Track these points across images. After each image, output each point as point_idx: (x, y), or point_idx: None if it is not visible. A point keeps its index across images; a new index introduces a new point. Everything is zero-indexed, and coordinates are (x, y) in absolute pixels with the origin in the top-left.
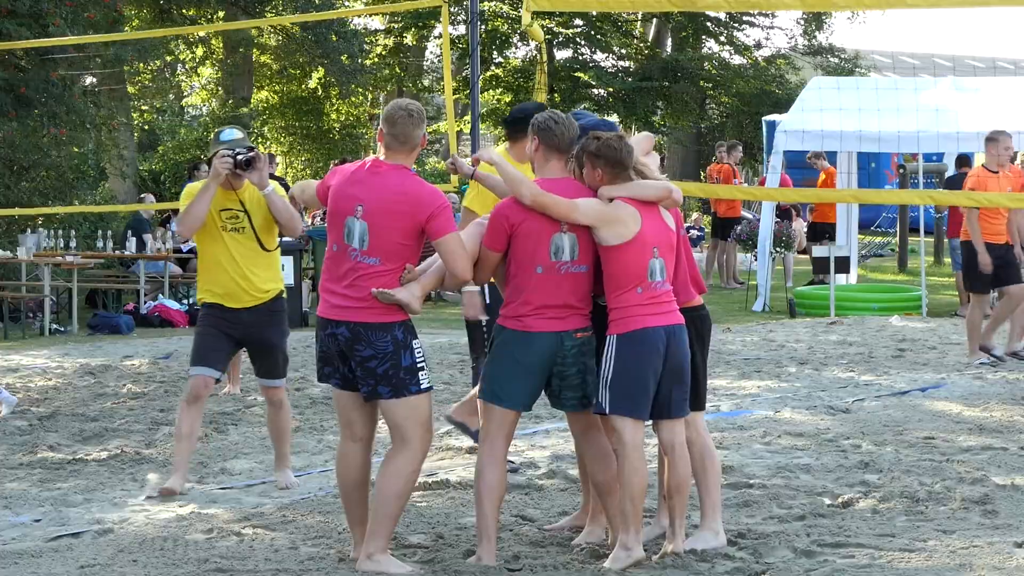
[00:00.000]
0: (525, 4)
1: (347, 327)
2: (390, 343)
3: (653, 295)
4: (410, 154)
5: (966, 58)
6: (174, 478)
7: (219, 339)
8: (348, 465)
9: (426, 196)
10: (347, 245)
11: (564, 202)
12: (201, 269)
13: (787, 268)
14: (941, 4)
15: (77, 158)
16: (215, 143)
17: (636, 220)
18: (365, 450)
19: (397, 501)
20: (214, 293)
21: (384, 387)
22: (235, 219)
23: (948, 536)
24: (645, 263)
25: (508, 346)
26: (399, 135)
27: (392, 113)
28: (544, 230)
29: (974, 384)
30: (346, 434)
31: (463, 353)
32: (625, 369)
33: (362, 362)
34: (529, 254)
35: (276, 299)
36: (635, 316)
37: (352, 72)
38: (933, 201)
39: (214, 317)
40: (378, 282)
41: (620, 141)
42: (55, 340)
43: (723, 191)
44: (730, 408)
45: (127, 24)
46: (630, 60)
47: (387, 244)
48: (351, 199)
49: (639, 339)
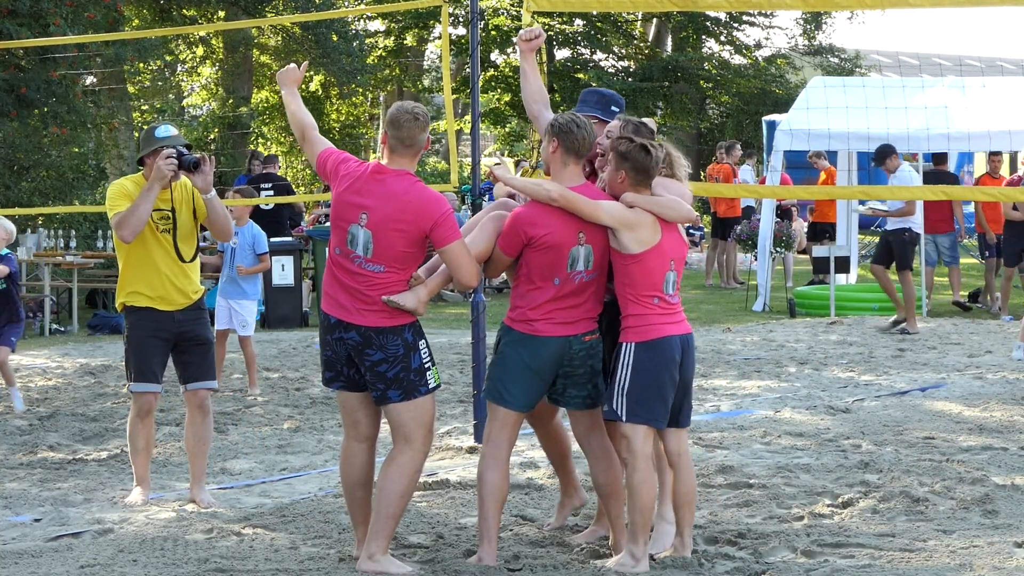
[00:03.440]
0: (525, 4)
1: (357, 331)
2: (401, 346)
3: (668, 306)
4: (414, 158)
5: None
6: (139, 491)
7: (157, 349)
8: (353, 465)
9: (430, 205)
10: (351, 251)
11: (590, 202)
12: (128, 271)
13: (787, 268)
14: (941, 4)
15: (77, 158)
16: (150, 140)
17: (656, 229)
18: (370, 449)
19: (400, 501)
20: (146, 297)
21: (395, 391)
22: (167, 220)
23: (948, 536)
24: (663, 273)
25: (516, 348)
26: (404, 139)
27: (397, 116)
28: (563, 244)
29: (974, 384)
30: (351, 434)
31: (463, 353)
32: (644, 377)
33: (372, 367)
34: (546, 267)
35: (202, 298)
36: (654, 325)
37: (352, 72)
38: (945, 196)
39: (149, 323)
40: (384, 288)
41: (652, 149)
42: (55, 340)
43: (725, 190)
44: (730, 408)
45: (127, 24)
46: (630, 60)
47: (391, 252)
48: (355, 208)
49: (658, 348)
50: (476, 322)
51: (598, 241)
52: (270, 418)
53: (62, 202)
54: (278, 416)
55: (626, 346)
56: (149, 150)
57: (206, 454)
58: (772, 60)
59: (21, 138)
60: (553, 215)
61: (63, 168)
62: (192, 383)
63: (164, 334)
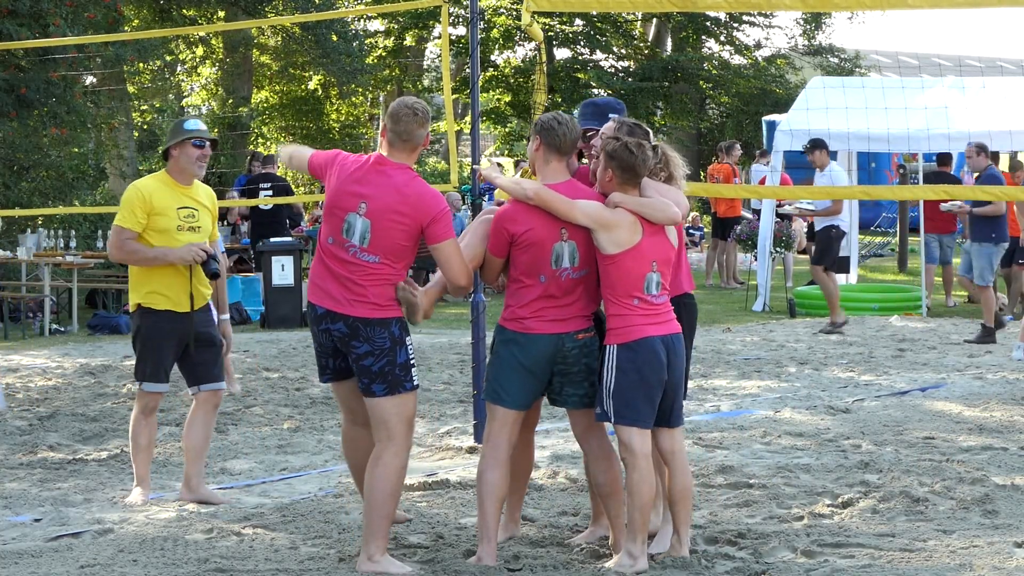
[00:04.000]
0: (525, 4)
1: (345, 322)
2: (388, 339)
3: (650, 307)
4: (412, 153)
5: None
6: (139, 491)
7: (172, 350)
8: (356, 448)
9: (429, 200)
10: (345, 240)
11: (566, 201)
12: (144, 270)
13: (787, 268)
14: (941, 4)
15: (77, 158)
16: (179, 131)
17: (635, 230)
18: (370, 433)
19: (390, 500)
20: (166, 298)
21: (379, 385)
22: (192, 217)
23: (948, 536)
24: (642, 275)
25: (509, 347)
26: (402, 133)
27: (397, 110)
28: (545, 241)
29: (974, 384)
30: (349, 419)
31: (463, 353)
32: (627, 379)
33: (357, 359)
34: (531, 264)
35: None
36: (635, 326)
37: (352, 72)
38: (947, 195)
39: (167, 324)
40: (375, 279)
41: (639, 148)
42: (55, 340)
43: (725, 190)
44: (730, 408)
45: (127, 24)
46: (630, 60)
47: (388, 243)
48: (355, 196)
49: (639, 349)
50: (476, 322)
51: (582, 238)
52: (270, 418)
53: (62, 202)
54: (278, 416)
55: (609, 348)
56: (176, 140)
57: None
58: (772, 60)
59: (21, 138)
60: (534, 212)
61: (63, 168)
62: (207, 384)
63: (181, 336)
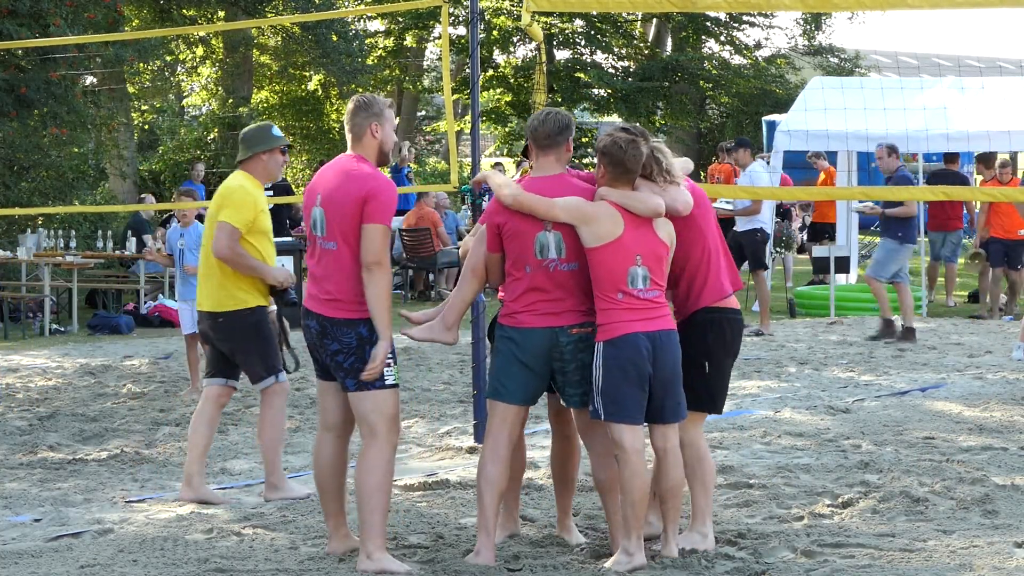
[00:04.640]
0: (525, 4)
1: (316, 320)
2: (354, 339)
3: (636, 302)
4: (359, 143)
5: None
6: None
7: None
8: (320, 453)
9: (369, 179)
10: (315, 236)
11: (544, 201)
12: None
13: (787, 268)
14: (941, 4)
15: (77, 158)
16: (268, 138)
17: (616, 223)
18: (336, 439)
19: (379, 495)
20: (262, 294)
21: (351, 380)
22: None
23: (948, 536)
24: (625, 269)
25: (505, 343)
26: (348, 125)
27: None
28: (528, 230)
29: (974, 384)
30: (320, 421)
31: (463, 353)
32: (612, 376)
33: (331, 355)
34: (517, 254)
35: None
36: (619, 322)
37: (352, 72)
38: (946, 196)
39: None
40: (339, 269)
41: (629, 144)
42: (55, 340)
43: (725, 190)
44: (730, 408)
45: (127, 24)
46: (630, 60)
47: (340, 226)
48: (312, 193)
49: (621, 345)
50: (476, 322)
51: (568, 229)
52: None
53: (62, 202)
54: None
55: (597, 346)
56: (266, 148)
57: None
58: (772, 60)
59: (21, 138)
60: None
61: (63, 168)
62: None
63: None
